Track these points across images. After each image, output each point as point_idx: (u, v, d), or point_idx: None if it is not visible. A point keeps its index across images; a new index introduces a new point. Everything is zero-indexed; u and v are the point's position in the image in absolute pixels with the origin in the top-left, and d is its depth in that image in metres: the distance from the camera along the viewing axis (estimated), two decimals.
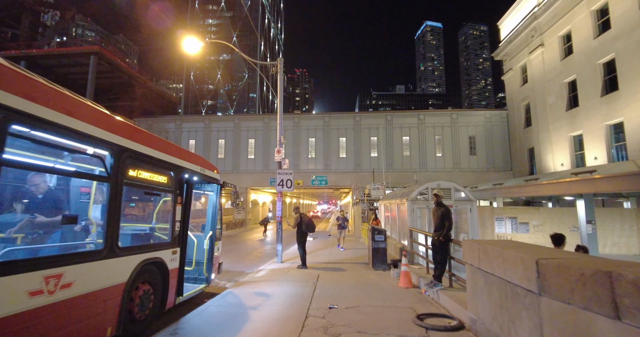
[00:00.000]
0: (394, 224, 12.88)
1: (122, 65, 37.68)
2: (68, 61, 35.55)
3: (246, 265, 11.83)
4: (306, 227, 9.82)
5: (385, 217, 14.91)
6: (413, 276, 7.37)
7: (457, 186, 10.05)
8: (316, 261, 11.33)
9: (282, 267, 10.20)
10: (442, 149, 34.65)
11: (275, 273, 9.21)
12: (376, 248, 9.34)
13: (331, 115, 36.27)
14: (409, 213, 9.82)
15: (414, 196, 9.94)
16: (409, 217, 9.82)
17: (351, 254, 13.32)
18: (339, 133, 35.69)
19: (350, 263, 10.89)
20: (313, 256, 12.83)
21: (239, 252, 15.71)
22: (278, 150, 11.44)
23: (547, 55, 25.40)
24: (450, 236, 6.05)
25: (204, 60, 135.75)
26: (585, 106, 20.89)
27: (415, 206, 9.87)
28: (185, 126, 37.71)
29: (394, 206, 12.35)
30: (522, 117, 30.20)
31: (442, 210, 6.20)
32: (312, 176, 34.82)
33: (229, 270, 10.80)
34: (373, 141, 35.16)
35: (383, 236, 9.39)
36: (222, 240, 7.90)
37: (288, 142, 35.94)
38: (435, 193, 6.41)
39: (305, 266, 9.76)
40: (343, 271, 9.39)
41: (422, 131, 34.97)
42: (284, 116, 36.74)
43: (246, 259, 13.57)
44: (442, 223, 6.13)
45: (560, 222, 18.29)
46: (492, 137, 34.42)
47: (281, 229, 11.08)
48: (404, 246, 10.57)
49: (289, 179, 11.14)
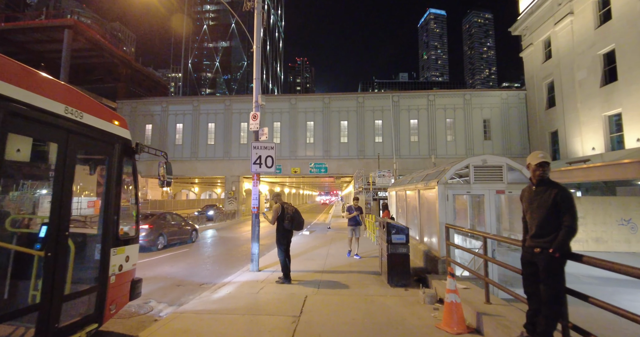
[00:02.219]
0: (411, 218, 9.75)
1: (102, 41, 34.27)
2: (41, 37, 32.13)
3: (213, 272, 8.78)
4: (290, 222, 6.68)
5: (396, 209, 11.77)
6: (466, 310, 4.25)
7: (512, 162, 6.89)
8: (306, 268, 8.24)
9: (256, 279, 7.12)
10: (454, 133, 31.39)
11: (242, 292, 6.13)
12: (394, 255, 6.22)
13: (331, 96, 32.87)
14: (441, 202, 6.69)
15: (448, 176, 6.79)
16: (440, 209, 6.69)
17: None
18: (340, 116, 32.33)
19: (355, 272, 7.78)
20: (304, 258, 9.74)
21: (216, 251, 12.65)
22: (254, 115, 8.25)
23: (577, 24, 22.26)
24: (569, 248, 2.88)
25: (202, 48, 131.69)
26: (627, 80, 17.80)
27: (450, 192, 6.72)
28: (172, 109, 34.44)
29: (413, 194, 9.22)
30: (544, 97, 27.21)
31: (555, 193, 2.98)
32: (311, 163, 31.76)
33: (184, 280, 7.74)
34: (378, 125, 31.85)
35: (404, 236, 6.26)
36: (202, 234, 4.80)
37: (284, 126, 32.69)
38: (541, 161, 3.10)
39: (288, 279, 6.67)
40: (344, 289, 6.29)
41: (432, 113, 31.62)
42: (279, 97, 33.16)
43: (220, 260, 10.53)
44: (552, 220, 2.98)
45: (606, 214, 15.19)
46: (509, 120, 31.17)
47: (258, 225, 7.98)
48: (431, 249, 7.45)
49: (269, 156, 8.00)
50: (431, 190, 7.33)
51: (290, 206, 6.83)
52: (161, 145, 34.07)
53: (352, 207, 10.16)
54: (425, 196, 7.97)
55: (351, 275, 7.45)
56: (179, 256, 11.41)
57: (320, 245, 12.85)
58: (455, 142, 31.15)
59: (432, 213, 7.29)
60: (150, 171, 34.22)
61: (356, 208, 10.08)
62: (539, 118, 28.22)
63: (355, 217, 9.98)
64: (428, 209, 7.69)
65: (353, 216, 9.99)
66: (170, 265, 9.71)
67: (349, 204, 10.52)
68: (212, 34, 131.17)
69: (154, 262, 10.07)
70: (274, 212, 6.75)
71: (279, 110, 32.86)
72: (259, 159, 7.96)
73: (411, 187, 9.23)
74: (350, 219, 10.06)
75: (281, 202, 6.88)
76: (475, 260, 6.72)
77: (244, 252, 12.23)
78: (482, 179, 6.81)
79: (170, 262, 10.21)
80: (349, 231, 10.10)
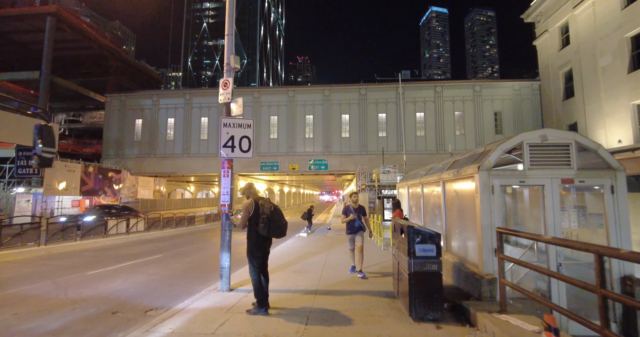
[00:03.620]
0: (430, 218, 7.66)
1: (89, 31, 32.22)
2: (24, 26, 30.10)
3: (174, 289, 6.73)
4: (266, 226, 4.56)
5: (409, 208, 9.68)
6: None
7: (583, 139, 4.82)
8: (295, 287, 6.19)
9: (221, 305, 5.06)
10: (463, 127, 29.25)
11: (190, 331, 4.08)
12: (420, 274, 4.14)
13: (332, 88, 30.73)
14: (484, 197, 4.63)
15: (494, 159, 4.72)
16: (483, 206, 4.63)
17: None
18: (342, 109, 30.20)
19: (360, 293, 5.70)
20: (293, 271, 7.67)
21: (194, 258, 10.60)
22: (224, 82, 6.19)
23: (599, 6, 20.40)
24: None
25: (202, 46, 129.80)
26: None
27: (496, 182, 4.66)
28: (163, 103, 32.42)
29: (434, 188, 7.17)
30: (561, 87, 25.27)
31: None
32: (310, 160, 29.67)
33: (127, 303, 5.69)
34: (381, 118, 29.71)
35: (434, 246, 4.19)
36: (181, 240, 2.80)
37: (281, 120, 30.60)
38: None
39: (263, 307, 4.60)
40: (345, 326, 4.21)
41: (439, 106, 29.48)
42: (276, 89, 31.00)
43: (193, 272, 8.48)
44: None
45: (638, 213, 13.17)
46: (522, 113, 29.05)
47: (229, 228, 5.92)
48: (465, 263, 5.37)
49: (244, 136, 5.97)
50: (465, 180, 5.27)
51: (268, 203, 4.75)
52: (152, 142, 32.12)
53: (351, 207, 7.30)
54: (453, 189, 5.90)
55: (355, 298, 5.37)
56: (144, 265, 9.37)
57: (317, 250, 10.80)
58: (465, 136, 29.02)
59: (468, 212, 5.23)
60: (140, 168, 32.27)
61: (356, 209, 7.23)
62: (554, 110, 26.24)
63: (353, 221, 7.22)
64: (460, 206, 5.61)
65: (351, 220, 7.22)
66: (124, 278, 7.66)
67: (348, 204, 7.54)
68: (211, 31, 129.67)
69: (108, 275, 8.04)
70: (244, 210, 4.69)
71: (276, 103, 30.77)
72: (231, 140, 5.92)
73: (431, 179, 7.16)
74: (348, 224, 7.31)
75: (255, 198, 4.83)
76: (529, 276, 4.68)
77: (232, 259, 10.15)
78: (540, 164, 4.76)
79: (127, 274, 8.16)
80: (348, 241, 7.43)
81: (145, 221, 17.97)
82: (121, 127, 32.80)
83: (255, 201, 4.73)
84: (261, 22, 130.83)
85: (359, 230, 7.27)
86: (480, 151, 5.15)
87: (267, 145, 30.39)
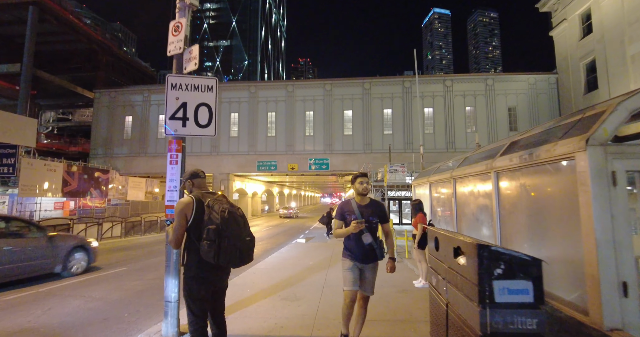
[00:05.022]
0: (468, 226, 5.61)
1: (76, 22, 30.39)
2: (6, 17, 28.32)
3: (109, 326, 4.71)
4: (212, 244, 2.44)
5: (431, 211, 7.62)
6: None
7: None
8: (279, 327, 4.15)
9: None
10: (475, 124, 27.16)
11: None
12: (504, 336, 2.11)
13: (333, 82, 28.69)
14: (600, 192, 2.61)
15: (612, 126, 2.70)
16: (597, 208, 2.60)
17: None
18: (344, 105, 28.14)
19: None
20: (279, 299, 5.60)
21: (160, 272, 8.56)
22: (175, 26, 4.20)
23: None
24: None
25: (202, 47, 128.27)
26: None
27: (619, 166, 2.65)
28: (154, 99, 30.49)
29: (479, 183, 5.14)
30: (582, 79, 23.31)
31: None
32: (310, 159, 27.59)
33: None
34: (387, 114, 27.66)
35: (529, 284, 2.16)
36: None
37: (279, 116, 28.58)
38: None
39: None
40: None
41: (449, 101, 27.41)
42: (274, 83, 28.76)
43: (148, 294, 6.47)
44: None
45: None
46: (538, 108, 26.96)
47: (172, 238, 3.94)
48: (565, 306, 3.31)
49: (202, 104, 3.98)
50: (545, 167, 3.23)
51: (221, 204, 2.68)
52: (143, 140, 30.18)
53: (353, 205, 3.56)
54: (517, 183, 3.85)
55: None
56: (94, 283, 7.34)
57: (315, 264, 8.76)
58: (477, 133, 26.99)
59: (551, 217, 3.18)
60: (130, 168, 30.31)
61: (364, 207, 3.56)
62: (575, 104, 24.26)
63: (359, 237, 3.43)
64: (532, 208, 3.55)
65: (353, 232, 3.38)
66: (49, 306, 5.63)
67: (348, 199, 3.75)
68: (212, 32, 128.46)
69: (28, 300, 6.01)
70: (177, 215, 2.66)
71: (274, 98, 28.76)
72: (183, 108, 3.92)
73: (471, 170, 5.11)
74: (347, 240, 3.53)
75: (199, 194, 2.78)
76: None
77: None
78: None
79: (59, 298, 6.13)
80: (343, 273, 3.47)
81: (123, 226, 15.93)
82: (110, 125, 30.90)
83: (198, 198, 2.70)
84: (262, 23, 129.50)
85: (369, 255, 3.45)
86: (585, 115, 3.08)
87: (265, 143, 28.40)
